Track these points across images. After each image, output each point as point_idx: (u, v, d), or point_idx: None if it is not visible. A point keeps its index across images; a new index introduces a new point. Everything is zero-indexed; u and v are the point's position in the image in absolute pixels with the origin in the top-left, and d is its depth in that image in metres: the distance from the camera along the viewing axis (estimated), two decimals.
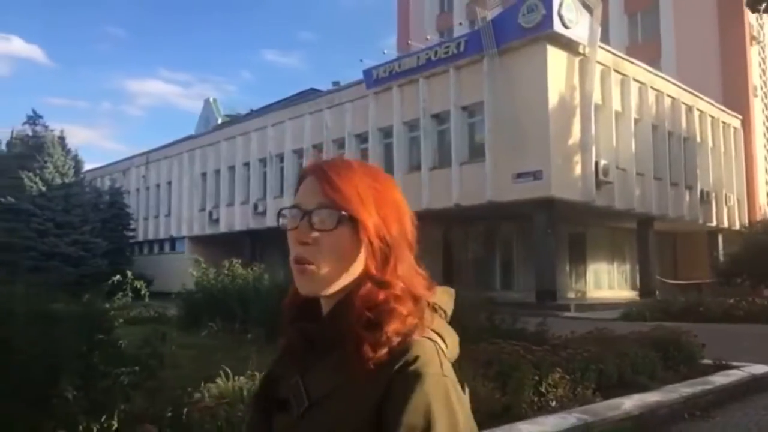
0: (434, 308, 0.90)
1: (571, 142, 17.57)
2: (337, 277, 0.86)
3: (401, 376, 0.78)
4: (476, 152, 19.09)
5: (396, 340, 0.81)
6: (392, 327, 0.82)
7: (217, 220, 30.03)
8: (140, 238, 34.99)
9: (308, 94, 35.95)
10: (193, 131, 48.83)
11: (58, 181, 24.14)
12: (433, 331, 0.86)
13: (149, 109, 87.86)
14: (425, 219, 14.97)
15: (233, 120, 37.33)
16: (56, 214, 23.30)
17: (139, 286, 14.00)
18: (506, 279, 21.63)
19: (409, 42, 27.92)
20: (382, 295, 0.84)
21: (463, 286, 16.28)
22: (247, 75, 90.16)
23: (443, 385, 0.79)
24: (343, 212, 0.83)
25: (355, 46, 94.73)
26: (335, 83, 25.85)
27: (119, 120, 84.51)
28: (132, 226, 33.03)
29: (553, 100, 17.04)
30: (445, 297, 0.93)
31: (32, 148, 35.75)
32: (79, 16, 75.96)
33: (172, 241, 34.10)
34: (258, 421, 0.96)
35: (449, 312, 0.93)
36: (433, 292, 0.90)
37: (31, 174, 23.43)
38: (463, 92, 19.19)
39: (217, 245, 26.44)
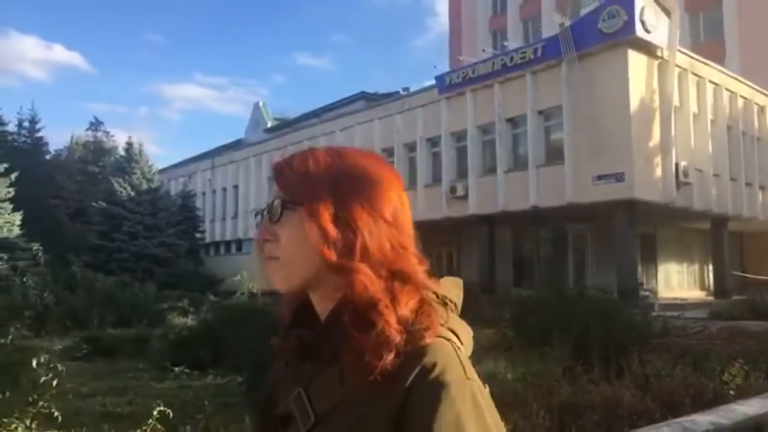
0: (444, 302, 0.83)
1: (651, 144, 17.91)
2: (297, 266, 0.81)
3: (421, 386, 0.72)
4: (553, 155, 19.56)
5: (399, 339, 0.74)
6: (392, 326, 0.74)
7: None
8: (207, 239, 36.47)
9: (358, 98, 36.94)
10: (243, 134, 50.36)
11: (145, 186, 25.51)
12: (449, 329, 0.80)
13: (185, 113, 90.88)
14: (498, 221, 15.69)
15: (294, 125, 38.49)
16: (144, 217, 24.69)
17: (252, 287, 15.06)
18: (579, 279, 21.99)
19: (460, 58, 28.45)
20: (356, 284, 0.76)
21: (534, 285, 16.78)
22: (279, 78, 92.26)
23: (470, 392, 0.73)
24: (289, 199, 0.81)
25: (386, 47, 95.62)
26: (405, 89, 26.63)
27: (157, 123, 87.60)
28: (202, 228, 34.50)
29: (634, 102, 17.41)
30: (453, 288, 0.87)
31: (94, 152, 37.72)
32: (119, 23, 78.93)
33: (239, 242, 35.44)
34: None
35: (460, 304, 0.87)
36: (438, 283, 0.84)
37: (120, 180, 24.84)
38: (540, 96, 19.68)
39: None
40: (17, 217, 22.34)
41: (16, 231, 21.91)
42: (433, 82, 23.26)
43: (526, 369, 5.21)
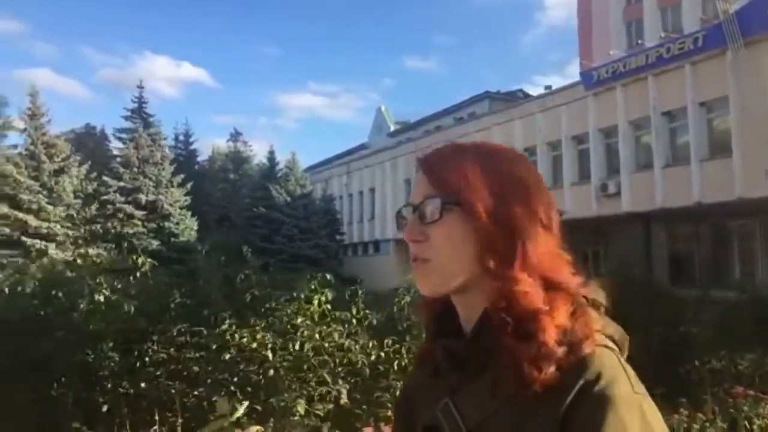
0: (595, 305, 0.78)
1: None
2: (454, 270, 0.77)
3: (585, 401, 0.67)
4: (718, 148, 18.68)
5: (560, 351, 0.70)
6: (551, 335, 0.71)
7: None
8: (346, 241, 38.36)
9: (482, 98, 36.99)
10: (367, 138, 52.02)
11: (298, 191, 27.46)
12: (607, 336, 0.75)
13: (300, 121, 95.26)
14: (653, 218, 15.12)
15: (417, 128, 39.44)
16: (300, 221, 26.55)
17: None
18: (747, 279, 20.76)
19: (611, 53, 27.68)
20: (517, 294, 0.73)
21: (694, 285, 16.07)
22: (389, 82, 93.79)
23: (638, 407, 0.68)
24: (447, 198, 0.76)
25: (493, 45, 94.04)
26: (547, 87, 26.50)
27: (274, 133, 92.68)
28: (342, 230, 36.38)
29: None
30: (600, 291, 0.81)
31: (234, 161, 40.76)
32: (240, 38, 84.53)
33: (376, 243, 36.92)
34: None
35: (608, 307, 0.81)
36: (589, 286, 0.79)
37: (277, 186, 26.93)
38: (702, 88, 18.87)
39: None
40: (194, 223, 24.96)
41: (194, 235, 24.51)
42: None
43: None
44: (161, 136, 25.64)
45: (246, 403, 2.66)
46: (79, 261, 20.90)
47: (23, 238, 20.10)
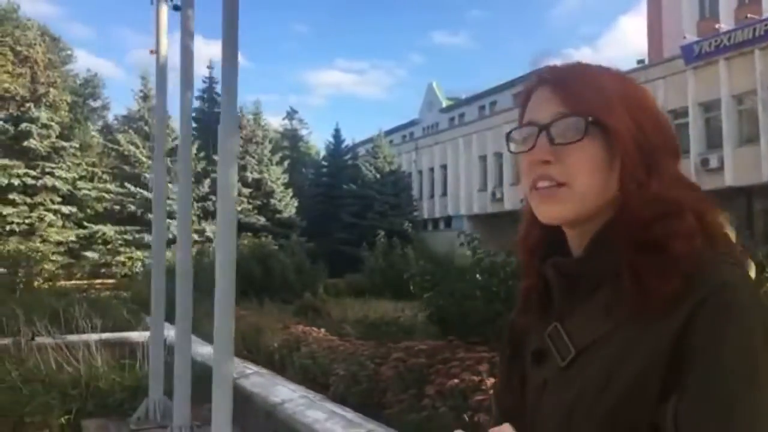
0: (726, 237, 0.74)
1: None
2: (592, 197, 0.72)
3: (708, 307, 0.63)
4: None
5: (686, 264, 0.66)
6: (678, 247, 0.67)
7: (500, 199, 32.51)
8: (418, 217, 39.12)
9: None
10: (417, 115, 52.19)
11: (387, 169, 28.21)
12: (733, 260, 0.69)
13: (329, 98, 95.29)
14: (756, 192, 15.21)
15: (470, 104, 39.56)
16: (389, 197, 27.33)
17: None
18: None
19: (717, 26, 27.35)
20: (652, 211, 0.70)
21: None
22: (417, 58, 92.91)
23: (763, 319, 0.64)
24: (590, 118, 0.71)
25: (523, 18, 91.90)
26: (640, 61, 26.49)
27: (305, 110, 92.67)
28: (415, 206, 37.15)
29: None
30: (726, 222, 0.76)
31: (290, 139, 41.56)
32: (272, 17, 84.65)
33: (448, 219, 37.56)
34: (509, 376, 0.87)
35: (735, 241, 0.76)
36: (717, 211, 0.75)
37: (366, 163, 27.72)
38: None
39: (499, 223, 28.85)
40: (295, 200, 25.97)
41: (294, 210, 25.55)
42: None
43: None
44: (261, 116, 26.55)
45: None
46: (196, 237, 22.12)
47: (149, 215, 21.35)
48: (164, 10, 5.03)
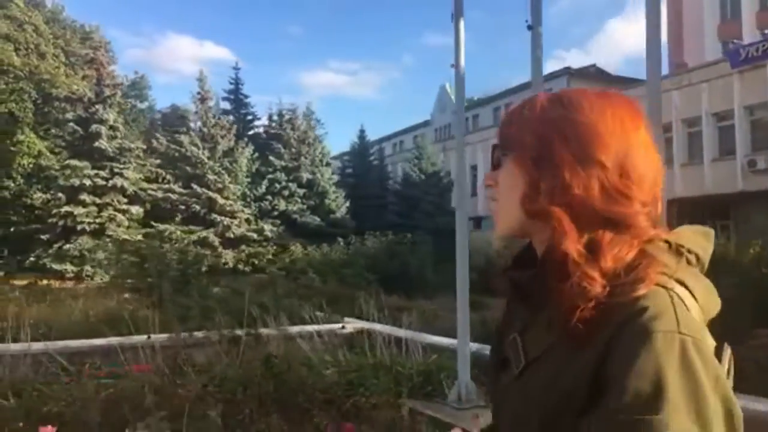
0: (679, 251, 0.75)
1: None
2: (508, 213, 0.82)
3: (624, 332, 0.67)
4: None
5: (598, 289, 0.70)
6: (582, 272, 0.71)
7: None
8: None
9: (561, 74, 37.37)
10: (429, 116, 52.67)
11: (430, 169, 28.79)
12: (677, 280, 0.72)
13: (322, 99, 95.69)
14: None
15: (485, 105, 39.97)
16: (434, 197, 27.90)
17: None
18: None
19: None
20: (554, 232, 0.74)
21: None
22: (408, 59, 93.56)
23: (679, 344, 0.66)
24: (501, 147, 0.83)
25: (516, 18, 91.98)
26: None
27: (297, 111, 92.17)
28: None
29: None
30: (698, 238, 0.78)
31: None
32: (264, 18, 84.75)
33: (478, 220, 38.18)
34: (493, 380, 0.91)
35: (706, 257, 0.78)
36: (672, 232, 0.77)
37: (409, 164, 28.27)
38: None
39: None
40: (346, 201, 26.46)
41: (344, 211, 26.04)
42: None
43: None
44: (313, 117, 27.06)
45: None
46: (254, 236, 22.58)
47: (212, 215, 21.83)
48: (462, 24, 5.40)
